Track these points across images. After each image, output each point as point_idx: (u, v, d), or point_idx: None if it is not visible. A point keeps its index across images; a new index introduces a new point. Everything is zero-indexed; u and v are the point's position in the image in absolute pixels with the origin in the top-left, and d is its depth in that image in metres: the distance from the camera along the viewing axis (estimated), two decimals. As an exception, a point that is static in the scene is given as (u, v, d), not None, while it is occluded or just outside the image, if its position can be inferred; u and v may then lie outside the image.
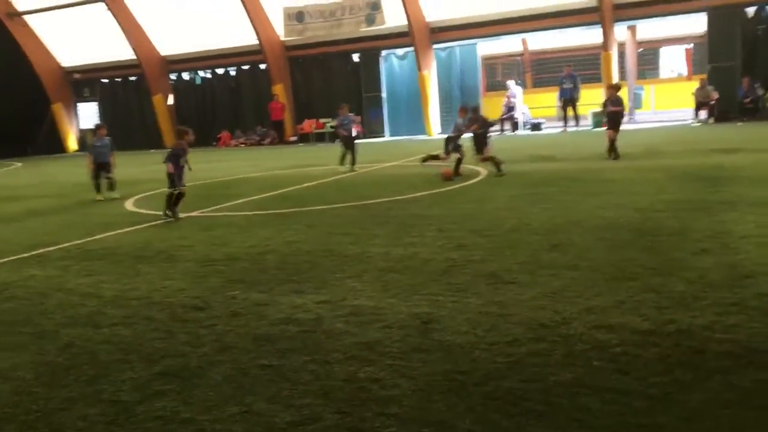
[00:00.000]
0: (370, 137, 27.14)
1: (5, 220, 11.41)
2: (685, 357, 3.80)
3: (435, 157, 13.40)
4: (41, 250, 8.34)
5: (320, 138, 27.85)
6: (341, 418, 3.37)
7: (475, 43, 26.27)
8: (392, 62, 27.48)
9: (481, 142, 12.91)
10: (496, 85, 31.39)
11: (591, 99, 24.75)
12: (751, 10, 21.76)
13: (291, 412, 3.47)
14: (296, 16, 28.05)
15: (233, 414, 3.49)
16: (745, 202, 8.16)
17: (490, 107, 26.79)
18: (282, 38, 28.39)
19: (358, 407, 3.48)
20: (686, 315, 4.46)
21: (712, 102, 21.98)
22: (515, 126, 25.05)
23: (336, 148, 17.13)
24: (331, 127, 27.58)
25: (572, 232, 7.28)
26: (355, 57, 27.75)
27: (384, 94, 27.41)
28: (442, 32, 25.84)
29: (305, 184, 13.53)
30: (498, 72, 33.64)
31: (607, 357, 3.89)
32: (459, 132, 13.10)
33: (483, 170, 13.44)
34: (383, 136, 27.35)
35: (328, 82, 28.28)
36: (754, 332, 4.09)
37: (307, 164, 18.24)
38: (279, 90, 28.31)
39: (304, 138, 28.29)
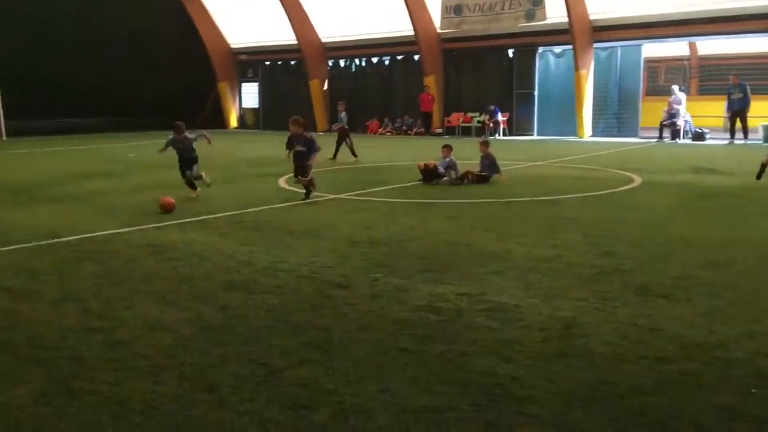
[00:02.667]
0: (517, 135, 26.70)
1: (172, 187, 12.35)
2: None
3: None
4: (203, 217, 8.97)
5: (467, 132, 27.75)
6: (478, 411, 3.37)
7: (640, 44, 24.99)
8: (548, 59, 26.78)
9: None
10: (657, 90, 29.75)
11: (763, 111, 22.84)
12: None
13: (428, 398, 3.52)
14: (454, 9, 28.02)
15: (373, 391, 3.59)
16: None
17: (649, 112, 25.45)
18: (438, 30, 28.51)
19: (495, 403, 3.46)
20: None
21: None
22: (675, 134, 23.62)
23: (469, 142, 16.98)
24: (478, 121, 27.41)
25: (733, 250, 6.78)
26: (510, 52, 27.33)
27: (536, 92, 26.81)
28: (604, 31, 24.80)
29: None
30: (660, 76, 31.83)
31: (767, 385, 3.61)
32: None
33: (636, 177, 12.81)
34: (531, 135, 26.79)
35: (479, 77, 28.09)
36: None
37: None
38: (430, 81, 28.49)
39: (450, 131, 28.32)
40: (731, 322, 4.65)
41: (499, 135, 26.70)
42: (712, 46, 28.71)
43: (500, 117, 26.84)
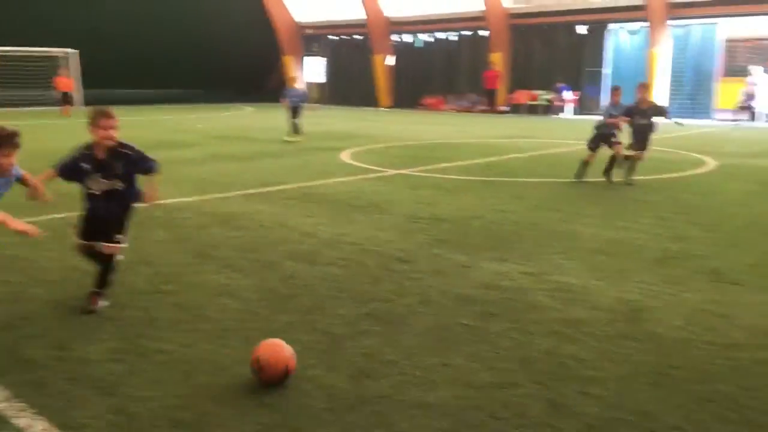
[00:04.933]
0: (585, 114, 26.06)
1: (238, 158, 12.59)
2: None
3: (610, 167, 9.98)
4: (268, 189, 9.12)
5: (533, 110, 27.27)
6: (540, 389, 3.34)
7: (716, 23, 23.92)
8: (620, 37, 25.95)
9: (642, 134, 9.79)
10: (736, 70, 28.46)
11: None
12: None
13: (490, 374, 3.50)
14: (524, -16, 27.44)
15: (434, 364, 3.60)
16: None
17: (726, 94, 24.42)
18: (507, 6, 27.97)
19: (558, 382, 3.42)
20: None
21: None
22: (753, 116, 22.61)
23: (542, 121, 16.68)
24: (545, 99, 26.88)
25: (815, 240, 6.48)
26: (580, 29, 26.60)
27: (606, 70, 26.05)
28: (681, 8, 23.85)
29: (513, 155, 13.36)
30: (740, 56, 30.41)
31: None
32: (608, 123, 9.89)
33: (710, 160, 12.34)
34: (599, 114, 26.09)
35: (548, 54, 27.49)
36: None
37: (516, 135, 17.98)
38: (497, 58, 28.05)
39: (515, 108, 27.87)
40: (809, 312, 4.45)
41: (565, 114, 26.15)
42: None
43: (568, 95, 26.24)
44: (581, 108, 26.38)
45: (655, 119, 9.89)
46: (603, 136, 9.93)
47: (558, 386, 3.37)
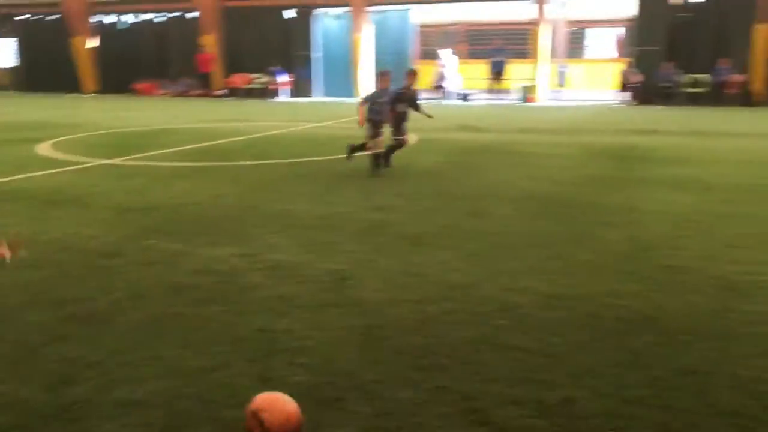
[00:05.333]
0: (299, 96, 26.82)
1: None
2: (584, 320, 4.03)
3: (362, 148, 9.77)
4: (-56, 190, 7.93)
5: (250, 93, 27.31)
6: (251, 366, 3.41)
7: (409, 9, 26.18)
8: (327, 22, 27.09)
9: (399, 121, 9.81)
10: (431, 54, 31.43)
11: (520, 74, 25.18)
12: (678, -3, 22.51)
13: (202, 359, 3.49)
14: (231, -34, 27.18)
15: (144, 358, 3.48)
16: (653, 181, 8.57)
17: (424, 75, 26.86)
18: (215, -13, 27.50)
19: (268, 356, 3.53)
20: (589, 282, 4.70)
21: (636, 84, 22.77)
22: (445, 95, 25.25)
23: (260, 104, 16.85)
24: (261, 83, 27.11)
25: (491, 200, 7.48)
26: (287, 13, 27.19)
27: (316, 54, 27.03)
28: (377, -6, 25.62)
29: (231, 139, 13.29)
30: (433, 40, 33.66)
31: (512, 317, 4.07)
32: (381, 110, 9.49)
33: (412, 135, 13.49)
34: (311, 96, 27.05)
35: (260, 37, 27.63)
36: (648, 299, 4.36)
37: (233, 119, 17.89)
38: (209, 41, 27.49)
39: (233, 92, 27.67)
40: (486, 264, 5.15)
41: (281, 96, 26.64)
42: (477, 12, 30.85)
43: (283, 78, 26.74)
44: (297, 91, 27.10)
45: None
46: (375, 123, 9.42)
47: (269, 360, 3.48)
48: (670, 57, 22.20)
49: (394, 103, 9.56)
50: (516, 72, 25.08)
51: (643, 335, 3.81)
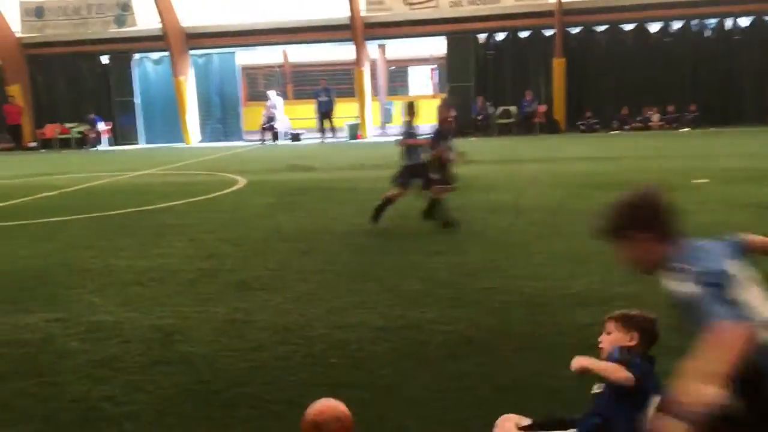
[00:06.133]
0: (122, 144, 25.65)
1: None
2: (412, 349, 4.15)
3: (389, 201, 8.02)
4: None
5: (65, 144, 25.64)
6: (65, 442, 3.16)
7: (234, 52, 26.08)
8: (147, 67, 26.23)
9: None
10: (257, 96, 31.41)
11: (346, 112, 25.83)
12: (482, 37, 24.31)
13: (11, 442, 3.17)
14: (35, 12, 25.59)
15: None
16: (471, 207, 9.05)
17: (251, 117, 26.75)
18: (18, 34, 25.69)
19: (88, 428, 3.28)
20: (416, 311, 4.87)
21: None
22: (275, 136, 25.29)
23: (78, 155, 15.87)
24: (78, 132, 25.59)
25: (322, 239, 7.55)
26: (104, 59, 26.02)
27: (137, 100, 26.04)
28: (198, 38, 25.27)
29: (44, 194, 12.35)
30: (259, 82, 33.68)
31: (343, 354, 4.11)
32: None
33: (241, 178, 13.36)
34: (137, 143, 25.97)
35: (74, 85, 26.15)
36: (470, 321, 4.59)
37: (47, 172, 16.67)
38: (15, 91, 25.54)
39: (46, 144, 25.83)
40: (318, 302, 5.17)
41: (102, 145, 25.32)
42: (301, 53, 31.37)
43: (102, 126, 25.45)
44: (116, 139, 25.88)
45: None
46: (416, 169, 7.72)
47: (87, 433, 3.23)
48: (480, 91, 23.86)
49: (438, 141, 7.91)
50: (343, 111, 25.71)
51: (469, 356, 4.00)
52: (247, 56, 27.84)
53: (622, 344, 2.62)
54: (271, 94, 25.95)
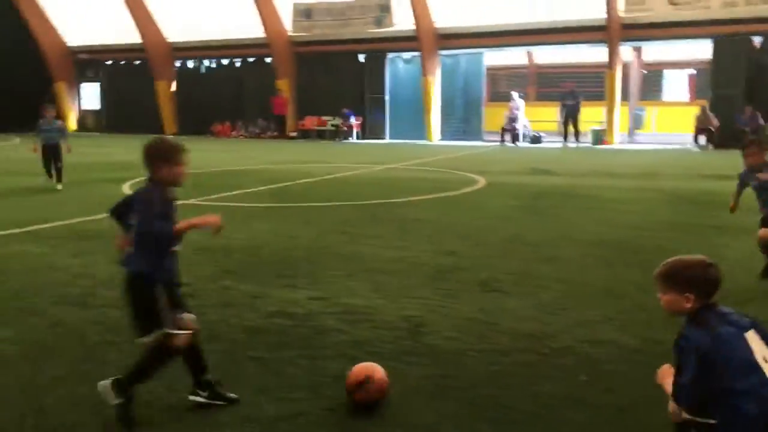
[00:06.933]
0: (370, 138, 27.23)
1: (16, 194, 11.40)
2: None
3: None
4: (35, 227, 8.34)
5: (321, 135, 27.91)
6: (328, 415, 3.40)
7: (482, 53, 26.36)
8: (397, 65, 27.55)
9: None
10: (499, 96, 31.50)
11: (591, 116, 24.87)
12: (757, 40, 21.89)
13: (278, 406, 3.50)
14: (304, 13, 28.11)
15: (222, 407, 3.50)
16: (734, 228, 8.20)
17: (493, 118, 26.88)
18: (289, 33, 28.43)
19: (346, 406, 3.51)
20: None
21: (712, 128, 22.11)
22: (515, 138, 25.14)
23: (331, 146, 17.13)
24: (333, 125, 27.67)
25: (564, 246, 7.33)
26: (361, 57, 27.80)
27: (386, 97, 27.46)
28: (449, 39, 25.92)
29: (304, 180, 13.56)
30: (502, 83, 33.75)
31: (596, 372, 3.93)
32: None
33: (480, 178, 13.48)
34: (383, 138, 27.42)
35: (332, 81, 28.31)
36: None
37: (306, 160, 18.27)
38: (283, 85, 28.34)
39: (305, 134, 28.33)
40: (563, 312, 5.02)
41: (352, 138, 27.10)
42: (547, 55, 30.84)
43: (354, 120, 27.25)
44: (364, 133, 27.56)
45: None
46: None
47: (345, 411, 3.46)
48: (749, 101, 21.48)
49: None
50: (588, 115, 24.78)
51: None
52: (491, 57, 27.99)
53: (678, 309, 2.57)
54: (515, 95, 25.82)
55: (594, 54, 25.88)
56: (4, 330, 4.60)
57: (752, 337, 2.44)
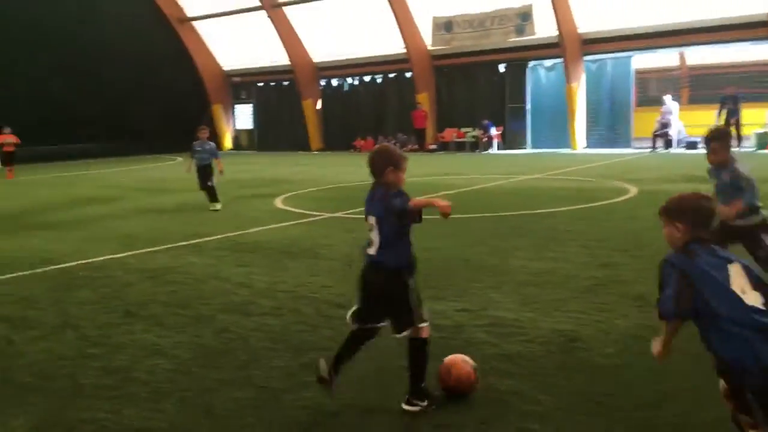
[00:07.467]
0: (511, 148, 26.83)
1: (162, 211, 12.34)
2: None
3: None
4: (197, 240, 8.95)
5: (461, 147, 27.88)
6: (483, 428, 3.35)
7: (630, 56, 25.20)
8: (539, 73, 26.97)
9: None
10: (648, 101, 29.93)
11: (755, 119, 22.98)
12: None
13: (428, 418, 3.49)
14: (444, 26, 28.25)
15: (378, 410, 3.55)
16: None
17: (642, 123, 25.58)
18: (429, 47, 28.71)
19: (500, 418, 3.44)
20: None
21: None
22: (669, 143, 23.75)
23: (471, 157, 16.98)
24: (472, 136, 27.54)
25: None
26: (501, 67, 27.51)
27: (528, 106, 26.96)
28: (594, 44, 25.01)
29: (444, 192, 13.56)
30: (651, 86, 32.04)
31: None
32: None
33: (632, 187, 12.83)
34: (525, 148, 26.91)
35: (471, 92, 28.23)
36: None
37: (445, 173, 18.30)
38: (423, 98, 28.63)
39: (443, 146, 28.43)
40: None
41: (492, 149, 26.84)
42: (700, 55, 28.93)
43: (494, 131, 26.98)
44: (504, 143, 27.18)
45: None
46: None
47: (498, 424, 3.39)
48: None
49: None
50: (750, 117, 22.91)
51: None
52: (639, 60, 26.66)
53: (673, 241, 2.72)
54: (667, 98, 24.41)
55: (755, 52, 23.94)
56: (180, 336, 4.95)
57: (735, 270, 2.59)
